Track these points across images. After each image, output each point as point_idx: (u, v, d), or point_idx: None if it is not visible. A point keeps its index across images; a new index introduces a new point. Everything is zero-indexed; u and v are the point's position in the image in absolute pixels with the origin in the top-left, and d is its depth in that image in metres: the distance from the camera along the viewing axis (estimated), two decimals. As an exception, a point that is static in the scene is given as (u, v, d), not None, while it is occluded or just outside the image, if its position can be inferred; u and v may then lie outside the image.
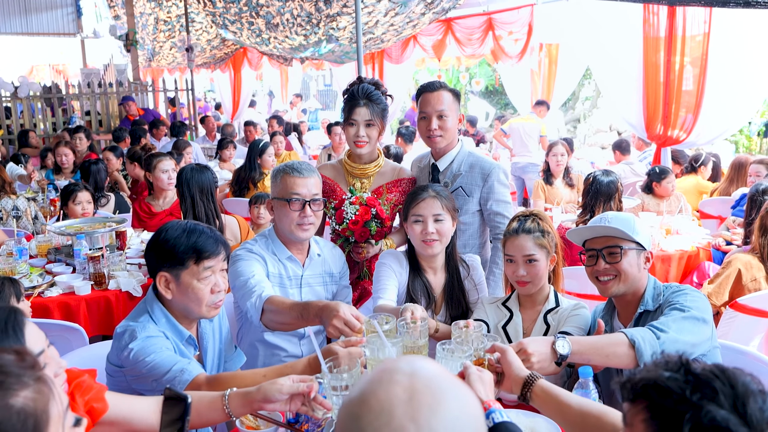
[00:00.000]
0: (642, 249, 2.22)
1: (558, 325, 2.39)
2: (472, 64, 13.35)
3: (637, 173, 7.05)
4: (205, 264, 2.06)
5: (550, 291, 2.50)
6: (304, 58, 10.91)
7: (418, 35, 9.06)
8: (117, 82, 11.17)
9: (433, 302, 2.69)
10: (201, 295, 2.07)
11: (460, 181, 3.05)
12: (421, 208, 2.59)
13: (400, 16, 7.72)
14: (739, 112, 6.28)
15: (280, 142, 8.05)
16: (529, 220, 2.45)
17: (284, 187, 2.60)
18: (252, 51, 12.89)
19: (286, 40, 9.58)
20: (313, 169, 2.67)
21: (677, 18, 6.01)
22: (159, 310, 2.13)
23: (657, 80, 6.35)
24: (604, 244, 2.22)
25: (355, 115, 2.98)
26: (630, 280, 2.20)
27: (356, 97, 3.00)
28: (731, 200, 5.30)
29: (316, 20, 8.25)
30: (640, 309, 2.21)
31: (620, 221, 2.21)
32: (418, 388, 0.85)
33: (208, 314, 2.12)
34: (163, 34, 12.93)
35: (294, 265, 2.69)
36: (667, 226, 4.53)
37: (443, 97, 3.00)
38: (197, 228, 2.11)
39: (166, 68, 15.87)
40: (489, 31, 8.33)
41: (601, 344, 1.97)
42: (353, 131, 3.00)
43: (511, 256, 2.44)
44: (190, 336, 2.15)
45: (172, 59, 14.36)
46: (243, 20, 9.96)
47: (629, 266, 2.18)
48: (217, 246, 2.10)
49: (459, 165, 3.08)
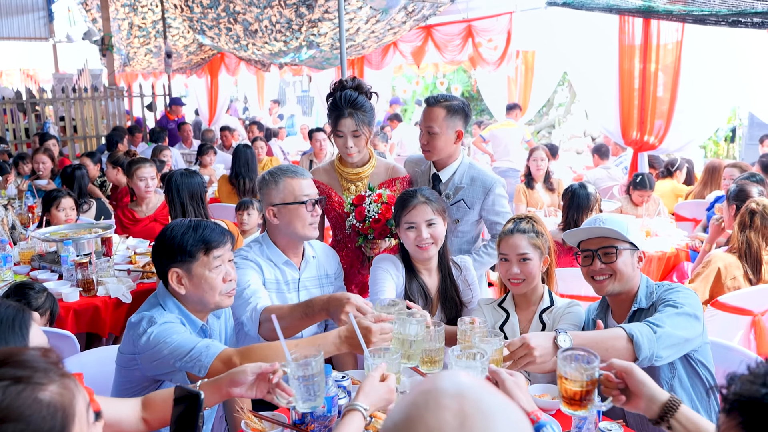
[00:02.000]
0: (635, 249, 2.29)
1: (553, 323, 2.46)
2: (449, 71, 13.46)
3: (613, 177, 7.19)
4: (214, 253, 2.15)
5: (544, 291, 2.56)
6: (283, 64, 10.90)
7: (398, 42, 9.14)
8: (92, 87, 11.04)
9: (430, 303, 2.73)
10: (214, 284, 2.15)
11: (462, 194, 3.10)
12: (414, 215, 2.62)
13: (381, 23, 7.78)
14: (710, 119, 6.46)
15: (261, 148, 8.04)
16: (524, 222, 2.53)
17: (291, 191, 2.62)
18: (229, 56, 12.84)
19: (265, 46, 9.58)
20: (305, 170, 2.74)
21: (651, 27, 6.16)
22: (172, 302, 2.20)
23: (632, 87, 6.50)
24: (600, 244, 2.29)
25: (341, 126, 3.00)
26: (625, 279, 2.26)
27: (340, 107, 3.00)
28: (706, 203, 5.45)
29: (297, 26, 8.26)
30: (634, 307, 2.28)
31: (614, 222, 2.29)
32: (468, 412, 0.81)
33: (222, 303, 2.20)
34: (138, 39, 12.80)
35: (290, 269, 2.71)
36: (646, 228, 4.64)
37: (435, 114, 3.02)
38: (201, 223, 2.21)
39: (141, 73, 15.71)
40: (468, 38, 8.43)
41: (601, 338, 2.02)
42: (341, 142, 3.04)
43: (505, 254, 2.50)
44: (203, 326, 2.22)
45: (147, 65, 14.23)
46: (221, 26, 9.94)
47: (624, 266, 2.25)
48: (223, 236, 2.19)
49: (460, 178, 3.11)
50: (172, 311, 2.19)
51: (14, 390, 1.01)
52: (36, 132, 10.14)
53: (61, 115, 10.84)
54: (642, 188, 5.36)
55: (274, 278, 2.68)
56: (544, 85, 10.22)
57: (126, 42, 12.84)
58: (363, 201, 3.01)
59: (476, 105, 17.41)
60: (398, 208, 2.69)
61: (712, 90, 6.11)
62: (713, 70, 6.06)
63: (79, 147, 10.60)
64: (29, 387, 1.02)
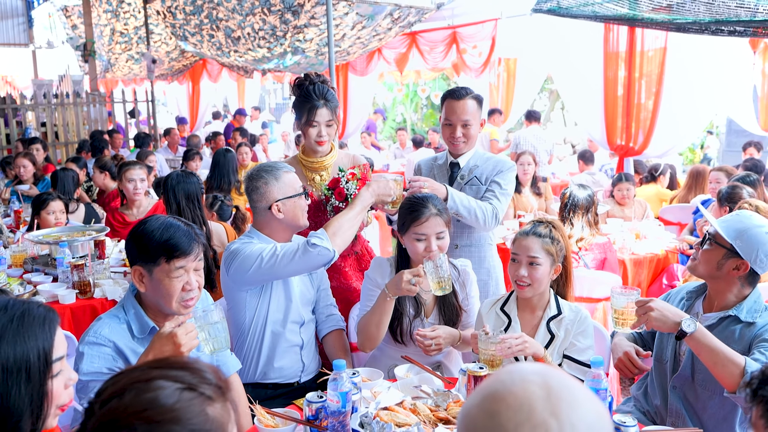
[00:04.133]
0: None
1: (565, 336, 2.44)
2: (430, 78, 13.54)
3: (598, 183, 7.29)
4: (176, 263, 2.07)
5: (550, 296, 2.52)
6: (267, 70, 10.87)
7: (382, 48, 9.18)
8: (74, 93, 10.90)
9: (423, 309, 2.72)
10: (171, 291, 2.08)
11: (476, 171, 3.20)
12: (425, 227, 2.60)
13: (367, 29, 7.81)
14: (691, 126, 6.59)
15: (245, 153, 7.99)
16: (542, 226, 2.51)
17: (291, 184, 2.68)
18: (212, 63, 12.78)
19: (248, 53, 9.55)
20: None
21: (636, 34, 6.28)
22: (131, 299, 2.18)
23: (616, 94, 6.61)
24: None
25: (316, 116, 3.06)
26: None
27: (314, 98, 3.06)
28: (691, 207, 5.54)
29: (282, 32, 8.25)
30: (732, 312, 2.24)
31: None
32: (552, 385, 0.85)
33: (178, 311, 2.12)
34: (119, 45, 12.69)
35: None
36: (636, 231, 4.71)
37: (468, 106, 3.12)
38: (173, 224, 2.11)
39: (121, 80, 15.57)
40: (453, 45, 8.50)
41: (721, 352, 2.03)
42: (315, 132, 3.09)
43: (516, 255, 2.49)
44: (154, 328, 2.14)
45: (128, 71, 14.11)
46: (203, 32, 9.89)
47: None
48: (190, 245, 2.09)
49: (476, 160, 3.24)
50: (128, 309, 2.16)
51: (187, 396, 1.04)
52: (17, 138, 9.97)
53: (42, 121, 10.67)
54: (619, 182, 5.47)
55: None
56: (525, 93, 10.34)
57: (107, 48, 12.72)
58: (339, 183, 3.10)
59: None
60: (405, 216, 2.66)
61: (694, 97, 6.23)
62: (695, 77, 6.18)
63: (61, 153, 10.44)
64: (201, 398, 1.05)
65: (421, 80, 13.86)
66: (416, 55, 9.11)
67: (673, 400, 2.35)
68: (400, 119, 18.16)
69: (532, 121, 8.59)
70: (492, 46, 8.18)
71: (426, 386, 2.33)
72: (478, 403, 0.86)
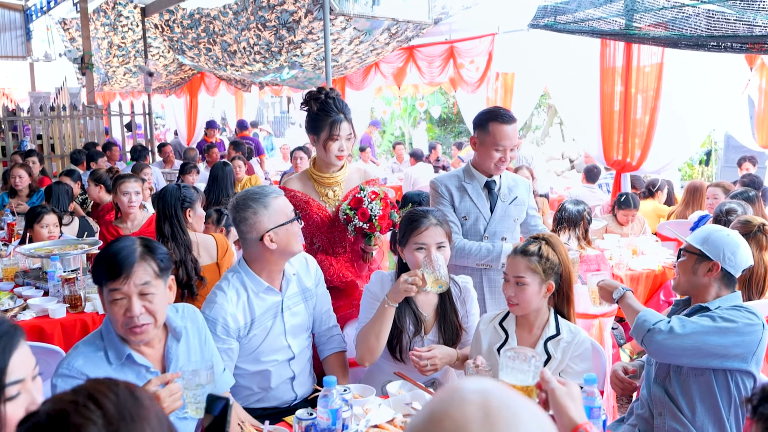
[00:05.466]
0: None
1: (563, 358, 2.42)
2: (428, 92, 13.60)
3: (597, 197, 7.30)
4: (109, 287, 1.96)
5: (549, 316, 2.49)
6: (264, 83, 10.92)
7: (380, 62, 9.22)
8: (71, 105, 10.93)
9: (423, 326, 2.68)
10: (114, 316, 1.99)
11: (515, 191, 3.29)
12: (425, 236, 2.57)
13: (365, 44, 7.85)
14: (689, 141, 6.61)
15: (239, 167, 7.96)
16: (534, 243, 2.46)
17: (282, 210, 2.54)
18: (209, 76, 12.83)
19: (245, 67, 9.60)
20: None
21: (633, 49, 6.31)
22: (107, 324, 2.08)
23: (613, 109, 6.63)
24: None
25: (338, 130, 3.05)
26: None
27: (334, 112, 3.06)
28: (688, 223, 5.53)
29: (277, 48, 8.30)
30: (705, 304, 2.45)
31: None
32: (492, 405, 0.82)
33: (126, 336, 2.01)
34: (117, 58, 12.75)
35: (272, 295, 2.61)
36: (633, 247, 4.70)
37: (515, 130, 3.18)
38: (114, 246, 2.00)
39: (119, 92, 15.62)
40: (450, 60, 8.54)
41: (633, 309, 2.51)
42: (337, 146, 3.07)
43: (506, 274, 2.47)
44: (130, 355, 2.03)
45: (125, 84, 14.16)
46: (200, 46, 9.95)
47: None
48: (120, 267, 1.94)
49: (506, 180, 3.31)
50: (105, 335, 2.07)
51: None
52: (13, 151, 9.98)
53: (38, 133, 10.69)
54: (626, 207, 5.45)
55: (260, 313, 2.56)
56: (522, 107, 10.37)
57: (105, 61, 12.78)
58: (362, 203, 3.05)
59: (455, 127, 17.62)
60: (405, 227, 2.63)
61: (692, 112, 6.25)
62: (692, 92, 6.20)
63: (56, 166, 10.45)
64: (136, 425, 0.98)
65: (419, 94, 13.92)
66: (414, 70, 9.15)
67: (656, 390, 2.47)
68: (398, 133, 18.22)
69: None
70: (489, 61, 8.22)
71: (417, 403, 2.31)
72: (415, 427, 0.84)
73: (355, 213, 3.05)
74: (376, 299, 2.67)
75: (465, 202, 3.23)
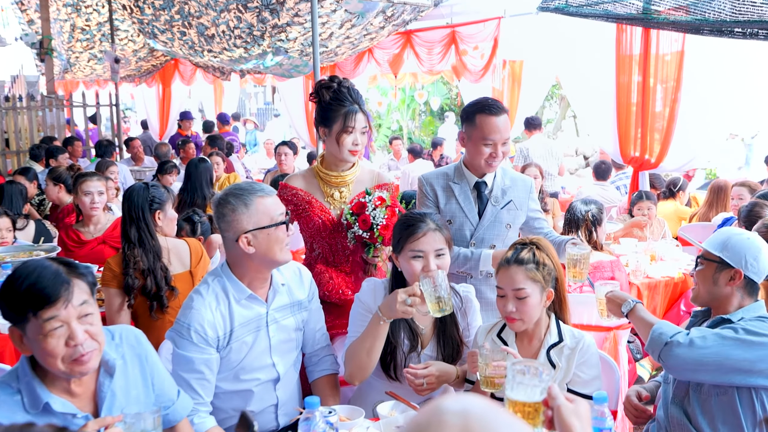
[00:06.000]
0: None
1: (567, 367, 2.43)
2: (428, 82, 13.64)
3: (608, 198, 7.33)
4: (45, 315, 1.82)
5: (551, 322, 2.51)
6: (245, 71, 10.93)
7: (373, 48, 9.25)
8: (28, 95, 10.92)
9: (419, 340, 2.68)
10: (52, 351, 1.84)
11: (510, 194, 3.24)
12: (423, 243, 2.57)
13: (357, 28, 7.87)
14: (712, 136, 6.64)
15: (217, 164, 7.96)
16: (525, 250, 2.47)
17: (266, 212, 2.48)
18: (184, 63, 12.82)
19: (224, 53, 9.60)
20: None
21: (651, 36, 6.35)
22: (23, 364, 1.95)
23: (630, 101, 6.67)
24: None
25: (352, 122, 3.06)
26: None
27: (349, 102, 3.06)
28: (712, 226, 5.56)
29: (260, 32, 8.31)
30: (727, 316, 2.48)
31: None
32: (472, 428, 0.85)
33: (72, 372, 1.88)
34: (80, 43, 12.73)
35: (256, 304, 2.58)
36: (651, 252, 4.74)
37: (506, 122, 3.12)
38: (38, 267, 1.88)
39: (83, 81, 15.61)
40: (452, 45, 8.57)
41: (645, 321, 2.53)
42: (351, 139, 3.07)
43: (501, 288, 2.46)
44: (48, 404, 1.89)
45: (90, 71, 14.14)
46: (174, 30, 9.95)
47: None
48: (57, 289, 1.84)
49: (502, 179, 3.25)
50: (21, 377, 1.93)
51: None
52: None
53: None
54: (639, 200, 5.51)
55: (239, 323, 2.54)
56: (532, 99, 10.41)
57: (67, 46, 12.76)
58: (365, 208, 3.01)
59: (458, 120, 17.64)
60: (400, 232, 2.63)
61: (715, 105, 6.29)
62: (716, 83, 6.24)
63: (12, 163, 10.43)
64: None
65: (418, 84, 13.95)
66: (411, 57, 9.18)
67: (673, 411, 2.51)
68: (395, 127, 18.25)
69: (532, 129, 8.64)
70: (494, 48, 8.26)
71: (410, 426, 2.31)
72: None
73: (356, 219, 3.03)
74: (368, 310, 2.67)
75: (450, 204, 3.21)
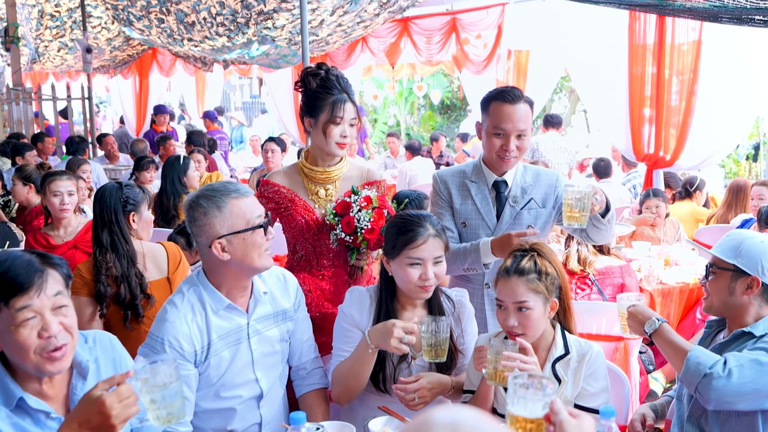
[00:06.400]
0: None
1: (575, 380, 2.45)
2: (427, 74, 13.66)
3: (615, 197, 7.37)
4: (16, 304, 1.86)
5: (556, 333, 2.52)
6: (229, 62, 10.95)
7: (367, 37, 9.27)
8: (-7, 87, 10.92)
9: (410, 349, 2.66)
10: (23, 344, 1.87)
11: (531, 192, 3.16)
12: (422, 250, 2.57)
13: (350, 14, 7.89)
14: (731, 132, 6.69)
15: (199, 162, 7.96)
16: (526, 258, 2.45)
17: (241, 215, 2.46)
18: (163, 53, 12.84)
19: (205, 41, 9.62)
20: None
21: (666, 24, 6.39)
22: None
23: (643, 94, 6.71)
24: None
25: (341, 112, 3.03)
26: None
27: (337, 90, 3.05)
28: (730, 228, 5.60)
29: (244, 19, 8.32)
30: (747, 329, 2.47)
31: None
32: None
33: (44, 368, 1.91)
34: (49, 31, 12.73)
35: (236, 314, 2.58)
36: (665, 256, 4.78)
37: (524, 112, 3.02)
38: (8, 256, 1.93)
39: (53, 72, 15.62)
40: (452, 34, 8.61)
41: (675, 344, 2.46)
42: (339, 131, 3.05)
43: (501, 301, 2.46)
44: (22, 399, 1.94)
45: (60, 62, 14.14)
46: (151, 16, 9.96)
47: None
48: (30, 276, 1.88)
49: (523, 177, 3.18)
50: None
51: None
52: None
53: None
54: (647, 198, 5.55)
55: (217, 336, 2.54)
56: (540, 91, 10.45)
57: (35, 34, 12.76)
58: (349, 209, 2.99)
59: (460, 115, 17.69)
60: (396, 236, 2.62)
61: (735, 98, 6.33)
62: (736, 74, 6.29)
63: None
64: None
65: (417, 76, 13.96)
66: (408, 46, 9.21)
67: (689, 430, 2.51)
68: (392, 122, 18.27)
69: (550, 127, 8.69)
70: (498, 36, 8.30)
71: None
72: None
73: (339, 221, 3.01)
74: (353, 324, 2.69)
75: (466, 205, 3.18)
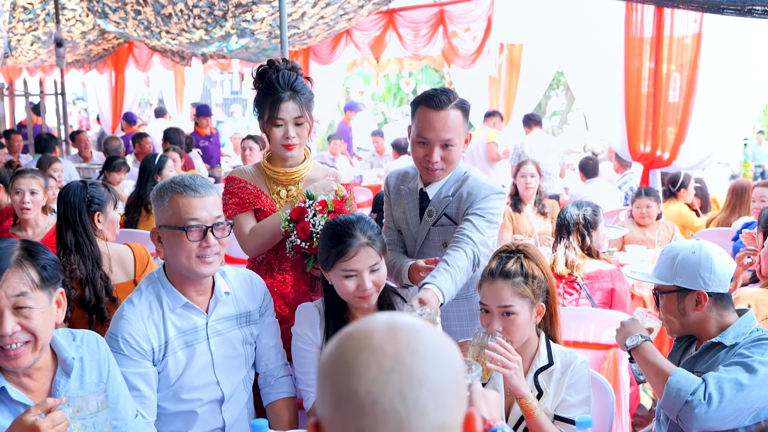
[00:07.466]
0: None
1: (556, 392, 2.44)
2: (416, 69, 13.66)
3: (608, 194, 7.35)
4: None
5: (540, 343, 2.51)
6: (207, 55, 10.93)
7: (352, 30, 9.25)
8: (-39, 82, 10.87)
9: None
10: None
11: (447, 207, 2.96)
12: (355, 262, 2.53)
13: (332, 6, 7.88)
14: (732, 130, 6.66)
15: (175, 160, 7.93)
16: (512, 260, 2.45)
17: (176, 212, 2.48)
18: (140, 46, 12.82)
19: (182, 34, 9.60)
20: (210, 185, 2.59)
21: (665, 16, 6.36)
22: None
23: (640, 89, 6.68)
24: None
25: (281, 113, 2.99)
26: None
27: (278, 89, 3.00)
28: (731, 232, 5.55)
29: (222, 11, 8.31)
30: (717, 339, 2.49)
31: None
32: (397, 321, 1.11)
33: (9, 365, 2.01)
34: (22, 24, 12.69)
35: (194, 313, 2.61)
36: (659, 261, 4.74)
37: (451, 120, 2.82)
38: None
39: (26, 67, 15.57)
40: (440, 26, 8.59)
41: (655, 365, 2.45)
42: (281, 132, 3.02)
43: (486, 305, 2.45)
44: (4, 389, 2.03)
45: (33, 56, 14.10)
46: (127, 8, 9.94)
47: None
48: None
49: (449, 189, 2.98)
50: None
51: None
52: None
53: None
54: (638, 197, 5.56)
55: (174, 334, 2.57)
56: (533, 87, 10.44)
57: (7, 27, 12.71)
58: (304, 214, 2.93)
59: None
60: (328, 248, 2.58)
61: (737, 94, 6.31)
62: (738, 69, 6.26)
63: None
64: None
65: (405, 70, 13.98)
66: (394, 39, 9.19)
67: None
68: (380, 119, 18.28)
69: (532, 125, 8.68)
70: (488, 29, 8.29)
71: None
72: (330, 346, 1.11)
73: (294, 227, 2.95)
74: (308, 343, 2.69)
75: (398, 210, 3.13)
